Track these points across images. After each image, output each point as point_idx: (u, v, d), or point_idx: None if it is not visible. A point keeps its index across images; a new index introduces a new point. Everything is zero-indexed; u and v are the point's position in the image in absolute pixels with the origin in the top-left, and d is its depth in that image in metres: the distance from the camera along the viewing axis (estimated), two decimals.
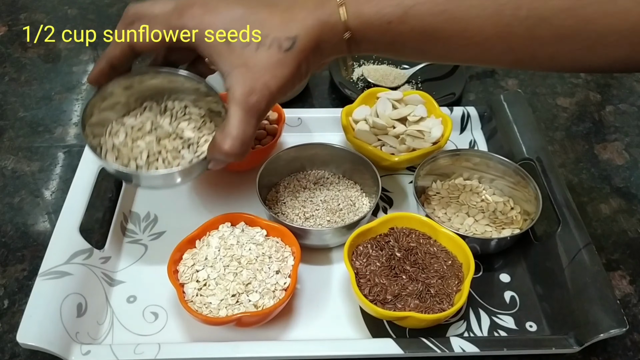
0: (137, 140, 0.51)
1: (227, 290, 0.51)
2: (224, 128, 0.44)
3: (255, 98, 0.43)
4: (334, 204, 0.61)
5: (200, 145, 0.51)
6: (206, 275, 0.52)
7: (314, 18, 0.43)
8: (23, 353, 0.51)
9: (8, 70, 0.83)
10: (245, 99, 0.42)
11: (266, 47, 0.42)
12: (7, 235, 0.61)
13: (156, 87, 0.52)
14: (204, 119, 0.53)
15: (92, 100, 0.49)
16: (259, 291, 0.51)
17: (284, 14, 0.43)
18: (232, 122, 0.43)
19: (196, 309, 0.50)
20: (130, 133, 0.51)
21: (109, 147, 0.50)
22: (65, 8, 0.96)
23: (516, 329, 0.54)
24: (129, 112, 0.52)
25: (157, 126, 0.51)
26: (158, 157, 0.50)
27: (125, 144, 0.50)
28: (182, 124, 0.52)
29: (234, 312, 0.49)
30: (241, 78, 0.42)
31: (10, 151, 0.70)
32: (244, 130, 0.43)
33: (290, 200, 0.61)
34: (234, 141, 0.43)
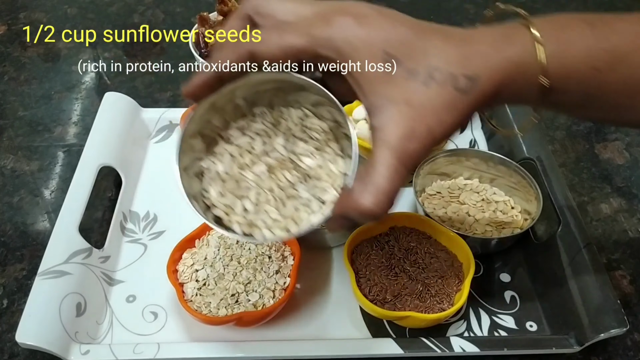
0: (245, 168, 0.40)
1: (227, 289, 0.51)
2: (367, 177, 0.34)
3: (415, 145, 0.33)
4: None
5: (320, 179, 0.40)
6: (206, 275, 0.52)
7: (502, 56, 0.34)
8: (22, 353, 0.51)
9: (7, 69, 0.83)
10: (403, 144, 0.33)
11: (438, 83, 0.33)
12: (7, 235, 0.61)
13: (267, 83, 0.39)
14: (328, 137, 0.41)
15: (189, 126, 0.39)
16: (258, 291, 0.51)
17: (463, 46, 0.34)
18: (381, 171, 0.33)
19: (195, 308, 0.50)
20: (237, 157, 0.41)
21: (212, 176, 0.41)
22: (64, 7, 0.96)
23: (516, 328, 0.54)
24: (235, 120, 0.41)
25: (270, 149, 0.41)
26: (269, 197, 0.40)
27: (230, 173, 0.41)
28: (299, 145, 0.41)
29: (234, 311, 0.49)
30: (400, 117, 0.33)
31: (9, 150, 0.70)
32: (393, 183, 0.33)
33: None
34: (379, 197, 0.33)
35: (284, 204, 0.40)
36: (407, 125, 0.33)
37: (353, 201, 0.34)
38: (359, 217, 0.35)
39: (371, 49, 0.33)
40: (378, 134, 0.34)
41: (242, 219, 0.40)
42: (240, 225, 0.39)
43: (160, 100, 0.78)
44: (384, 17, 0.34)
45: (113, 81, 0.81)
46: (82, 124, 0.74)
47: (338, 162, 0.40)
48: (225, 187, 0.40)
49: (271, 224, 0.39)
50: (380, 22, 0.34)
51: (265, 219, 0.39)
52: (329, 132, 0.40)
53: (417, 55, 0.33)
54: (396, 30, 0.34)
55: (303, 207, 0.39)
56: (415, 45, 0.34)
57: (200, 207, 0.40)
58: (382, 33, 0.34)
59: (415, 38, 0.34)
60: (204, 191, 0.41)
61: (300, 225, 0.39)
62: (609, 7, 1.02)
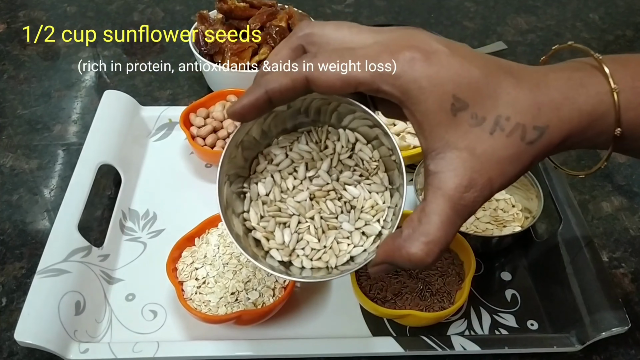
0: (287, 193, 0.39)
1: (227, 288, 0.50)
2: (420, 226, 0.32)
3: (473, 196, 0.32)
4: None
5: (364, 212, 0.38)
6: (205, 273, 0.51)
7: (574, 106, 0.32)
8: (21, 351, 0.51)
9: (7, 67, 0.83)
10: (461, 194, 0.32)
11: (505, 132, 0.31)
12: (6, 233, 0.60)
13: (315, 102, 0.38)
14: (377, 166, 0.39)
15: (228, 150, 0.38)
16: (258, 289, 0.51)
17: (534, 92, 0.32)
18: (435, 221, 0.32)
19: (195, 307, 0.50)
20: (278, 180, 0.39)
21: (253, 197, 0.40)
22: (64, 5, 0.96)
23: (517, 327, 0.54)
24: (276, 133, 0.40)
25: (314, 175, 0.39)
26: (309, 225, 0.39)
27: (272, 198, 0.39)
28: (345, 173, 0.39)
29: (233, 310, 0.49)
30: (461, 165, 0.31)
31: (8, 149, 0.70)
32: (447, 234, 0.32)
33: None
34: (431, 247, 0.32)
35: (325, 234, 0.38)
36: (467, 175, 0.32)
37: (403, 249, 0.33)
38: (406, 265, 0.33)
39: (440, 92, 0.31)
40: (434, 180, 0.32)
41: (281, 246, 0.39)
42: (279, 252, 0.38)
43: (160, 99, 0.78)
44: (455, 55, 0.32)
45: (112, 79, 0.81)
46: (82, 123, 0.74)
47: (385, 195, 0.38)
48: (267, 211, 0.39)
49: (310, 253, 0.38)
50: (451, 61, 0.31)
51: (305, 248, 0.38)
52: (378, 160, 0.39)
53: (486, 101, 0.31)
54: (466, 72, 0.31)
55: (344, 240, 0.38)
56: (485, 89, 0.32)
57: (240, 228, 0.39)
58: (453, 74, 0.31)
59: (485, 81, 0.32)
60: (245, 213, 0.40)
61: (339, 258, 0.38)
62: (609, 5, 1.01)
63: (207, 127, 0.65)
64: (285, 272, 0.38)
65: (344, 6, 0.99)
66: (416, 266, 0.33)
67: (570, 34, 0.94)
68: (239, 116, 0.35)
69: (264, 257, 0.38)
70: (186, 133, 0.64)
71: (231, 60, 0.72)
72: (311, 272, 0.38)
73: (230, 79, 0.72)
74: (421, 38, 0.32)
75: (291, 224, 0.38)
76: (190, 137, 0.64)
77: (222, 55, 0.73)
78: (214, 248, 0.53)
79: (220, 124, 0.66)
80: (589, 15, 0.99)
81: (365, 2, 1.00)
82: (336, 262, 0.38)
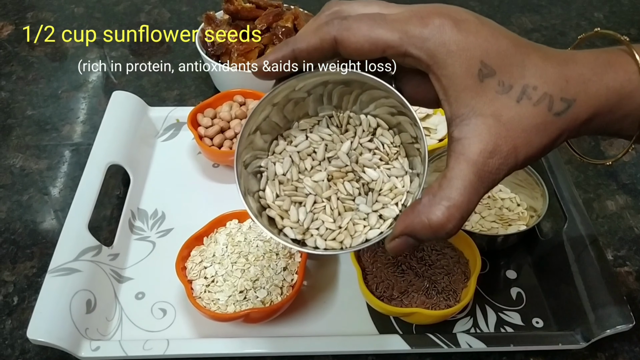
0: (304, 174, 0.39)
1: (235, 286, 0.51)
2: (441, 191, 0.32)
3: (498, 163, 0.31)
4: None
5: (382, 195, 0.38)
6: (214, 272, 0.52)
7: (602, 83, 0.32)
8: (33, 349, 0.51)
9: (16, 68, 0.84)
10: (485, 160, 0.31)
11: (532, 101, 0.31)
12: (17, 233, 0.61)
13: (341, 82, 0.37)
14: (397, 152, 0.39)
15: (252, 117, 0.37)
16: (266, 288, 0.51)
17: (563, 67, 0.32)
18: (457, 185, 0.31)
19: (204, 305, 0.50)
20: (297, 160, 0.39)
21: (270, 176, 0.39)
22: (71, 7, 0.97)
23: (522, 325, 0.54)
24: (297, 118, 0.40)
25: (333, 156, 0.39)
26: (325, 205, 0.38)
27: (289, 177, 0.39)
28: (365, 155, 0.39)
29: (242, 308, 0.50)
30: (486, 131, 0.31)
31: (18, 149, 0.71)
32: (470, 199, 0.31)
33: None
34: (453, 212, 0.31)
35: (340, 215, 0.38)
36: (491, 141, 0.31)
37: (422, 215, 0.32)
38: (427, 234, 0.32)
39: (468, 57, 0.31)
40: (458, 145, 0.32)
41: (295, 224, 0.38)
42: (293, 230, 0.38)
43: (167, 99, 0.79)
44: (485, 25, 0.32)
45: (120, 80, 0.82)
46: (90, 123, 0.75)
47: (405, 180, 0.38)
48: (283, 190, 0.39)
49: (325, 233, 0.38)
50: (480, 29, 0.32)
51: (320, 228, 0.38)
52: (399, 146, 0.39)
53: (514, 69, 0.31)
54: (496, 41, 0.32)
55: (361, 221, 0.38)
56: (513, 59, 0.32)
57: (255, 207, 0.38)
58: (481, 41, 0.31)
59: (514, 51, 0.32)
60: (260, 191, 0.39)
61: (354, 239, 0.37)
62: (614, 4, 1.01)
63: (215, 127, 0.65)
64: (300, 245, 0.38)
65: None
66: (437, 234, 0.32)
67: (575, 33, 0.94)
68: (262, 73, 0.34)
69: (277, 235, 0.38)
70: (194, 133, 0.65)
71: (238, 60, 0.72)
72: (324, 252, 0.38)
73: (236, 79, 0.72)
74: (452, 8, 0.33)
75: (307, 203, 0.38)
76: (197, 137, 0.65)
77: (228, 55, 0.74)
78: (222, 247, 0.54)
79: (228, 124, 0.66)
80: (593, 14, 0.99)
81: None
82: (351, 243, 0.37)
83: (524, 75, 0.32)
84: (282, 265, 0.53)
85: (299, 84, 0.37)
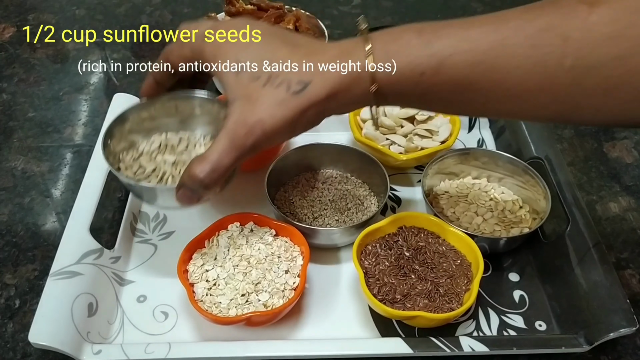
0: (155, 157, 0.52)
1: (237, 289, 0.51)
2: (205, 152, 0.43)
3: (244, 131, 0.41)
4: (342, 204, 0.61)
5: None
6: (216, 275, 0.52)
7: (337, 68, 0.40)
8: (35, 353, 0.51)
9: (17, 70, 0.84)
10: (236, 128, 0.41)
11: (274, 85, 0.41)
12: (18, 236, 0.61)
13: (176, 112, 0.53)
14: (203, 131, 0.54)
15: (113, 122, 0.52)
16: (268, 291, 0.51)
17: (305, 57, 0.41)
18: (213, 148, 0.42)
19: (206, 308, 0.50)
20: (148, 151, 0.52)
21: (128, 161, 0.52)
22: (73, 8, 0.97)
23: (525, 328, 0.54)
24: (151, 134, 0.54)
25: (176, 152, 0.53)
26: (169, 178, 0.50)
27: (146, 159, 0.52)
28: (198, 149, 0.52)
29: (244, 311, 0.50)
30: (239, 108, 0.41)
31: (20, 151, 0.71)
32: (219, 158, 0.42)
33: (298, 200, 0.61)
34: (205, 165, 0.42)
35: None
36: (242, 116, 0.41)
37: (188, 169, 0.43)
38: (188, 183, 0.43)
39: (229, 58, 0.42)
40: (224, 121, 0.42)
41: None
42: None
43: None
44: (248, 34, 0.42)
45: (121, 82, 0.82)
46: (92, 125, 0.75)
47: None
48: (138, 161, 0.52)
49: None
50: (242, 36, 0.42)
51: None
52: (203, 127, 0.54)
53: (263, 62, 0.41)
54: (252, 45, 0.42)
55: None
56: (264, 55, 0.41)
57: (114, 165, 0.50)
58: (239, 46, 0.42)
59: (266, 49, 0.42)
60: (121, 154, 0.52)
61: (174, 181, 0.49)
62: None
63: None
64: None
65: (350, 7, 0.99)
66: (194, 182, 0.43)
67: None
68: (145, 94, 0.52)
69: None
70: None
71: None
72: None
73: None
74: (237, 21, 0.45)
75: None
76: None
77: None
78: (224, 250, 0.54)
79: None
80: None
81: (372, 3, 1.00)
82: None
83: (270, 67, 0.41)
84: (284, 268, 0.53)
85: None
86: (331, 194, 0.63)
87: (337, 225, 0.59)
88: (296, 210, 0.60)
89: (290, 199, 0.62)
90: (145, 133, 0.54)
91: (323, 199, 0.62)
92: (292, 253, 0.54)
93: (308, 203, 0.61)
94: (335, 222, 0.59)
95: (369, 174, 0.64)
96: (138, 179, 0.50)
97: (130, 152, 0.53)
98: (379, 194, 0.62)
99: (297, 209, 0.60)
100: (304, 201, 0.61)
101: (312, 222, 0.59)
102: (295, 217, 0.59)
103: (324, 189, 0.63)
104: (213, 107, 0.52)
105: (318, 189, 0.63)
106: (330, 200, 0.61)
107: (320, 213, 0.60)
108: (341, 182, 0.64)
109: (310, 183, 0.64)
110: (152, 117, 0.53)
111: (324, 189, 0.63)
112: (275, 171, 0.61)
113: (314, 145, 0.64)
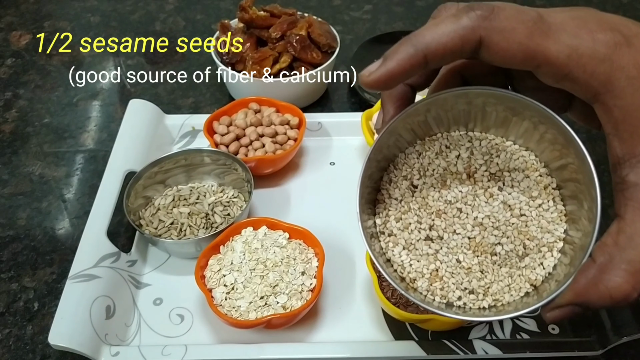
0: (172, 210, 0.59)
1: (255, 292, 0.51)
2: (619, 250, 0.27)
3: None
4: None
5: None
6: (233, 279, 0.52)
7: None
8: (53, 354, 0.52)
9: (33, 77, 0.85)
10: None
11: None
12: (36, 240, 0.62)
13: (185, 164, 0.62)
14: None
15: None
16: (286, 292, 0.52)
17: None
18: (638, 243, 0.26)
19: (226, 312, 0.51)
20: (165, 205, 0.60)
21: (147, 217, 0.60)
22: (88, 15, 0.98)
23: (538, 331, 0.54)
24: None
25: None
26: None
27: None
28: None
29: (263, 314, 0.50)
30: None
31: (37, 157, 0.72)
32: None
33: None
34: (638, 277, 0.27)
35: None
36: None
37: (600, 283, 0.27)
38: (604, 304, 0.27)
39: (623, 68, 0.26)
40: (636, 193, 0.27)
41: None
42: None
43: (183, 107, 0.79)
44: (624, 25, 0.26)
45: (135, 88, 0.83)
46: (107, 130, 0.76)
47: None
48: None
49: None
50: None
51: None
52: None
53: None
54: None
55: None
56: None
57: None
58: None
59: None
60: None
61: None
62: (627, 9, 1.01)
63: (230, 134, 0.66)
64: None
65: (361, 13, 1.00)
66: (617, 304, 0.27)
67: None
68: (381, 84, 0.27)
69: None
70: (210, 141, 0.65)
71: (252, 68, 0.73)
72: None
73: (251, 87, 0.73)
74: (612, 17, 0.27)
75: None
76: (213, 144, 0.66)
77: (243, 63, 0.74)
78: (239, 255, 0.54)
79: (243, 131, 0.67)
80: None
81: (384, 8, 1.01)
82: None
83: None
84: (300, 269, 0.53)
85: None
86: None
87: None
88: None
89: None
90: (158, 186, 0.60)
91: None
92: (306, 255, 0.55)
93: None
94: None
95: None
96: (159, 234, 0.56)
97: (149, 208, 0.59)
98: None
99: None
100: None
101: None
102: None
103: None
104: (219, 158, 0.57)
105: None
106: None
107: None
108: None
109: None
110: (163, 171, 0.60)
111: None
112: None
113: None
